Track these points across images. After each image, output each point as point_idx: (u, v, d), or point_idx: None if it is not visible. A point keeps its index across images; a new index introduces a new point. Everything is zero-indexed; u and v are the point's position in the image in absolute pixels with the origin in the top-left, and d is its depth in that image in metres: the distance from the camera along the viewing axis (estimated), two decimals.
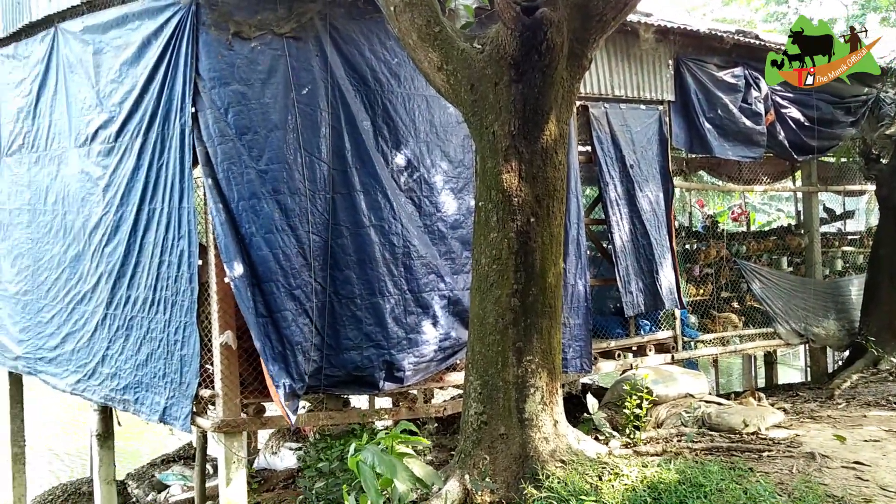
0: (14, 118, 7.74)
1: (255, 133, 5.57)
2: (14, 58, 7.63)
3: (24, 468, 8.77)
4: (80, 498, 9.36)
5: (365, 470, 4.39)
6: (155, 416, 6.08)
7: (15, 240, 7.98)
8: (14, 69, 7.65)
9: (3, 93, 7.88)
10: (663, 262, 8.02)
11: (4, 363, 8.32)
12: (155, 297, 6.09)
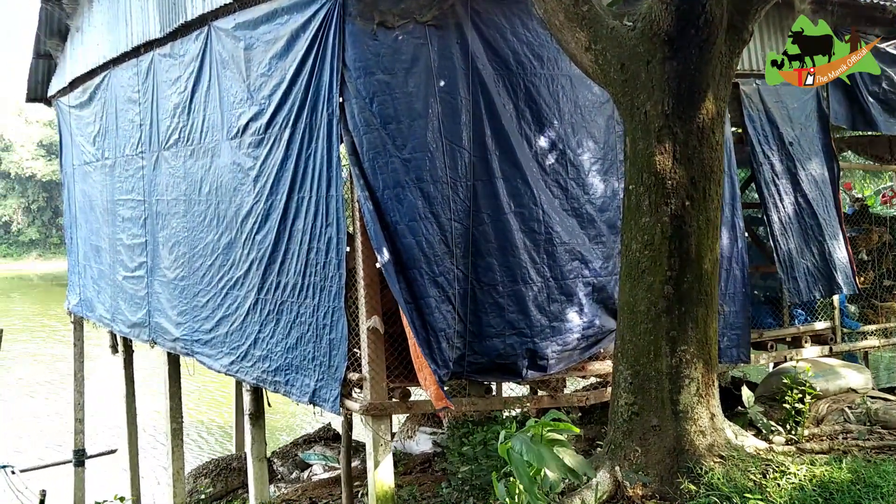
0: (171, 114, 8.22)
1: (399, 122, 5.63)
2: (171, 56, 8.09)
3: (181, 443, 9.35)
4: (231, 473, 9.91)
5: (516, 457, 4.35)
6: (305, 397, 6.30)
7: (172, 229, 8.48)
8: (171, 67, 8.11)
9: (161, 90, 8.37)
10: (835, 243, 7.50)
11: (164, 344, 8.89)
12: (304, 283, 6.30)
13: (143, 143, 9.00)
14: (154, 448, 17.84)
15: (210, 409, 21.64)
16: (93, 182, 10.82)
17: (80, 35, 10.63)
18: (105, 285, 10.61)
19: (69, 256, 12.69)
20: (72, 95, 11.30)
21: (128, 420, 11.50)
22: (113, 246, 10.13)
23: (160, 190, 8.72)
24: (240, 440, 12.25)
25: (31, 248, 73.44)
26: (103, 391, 22.86)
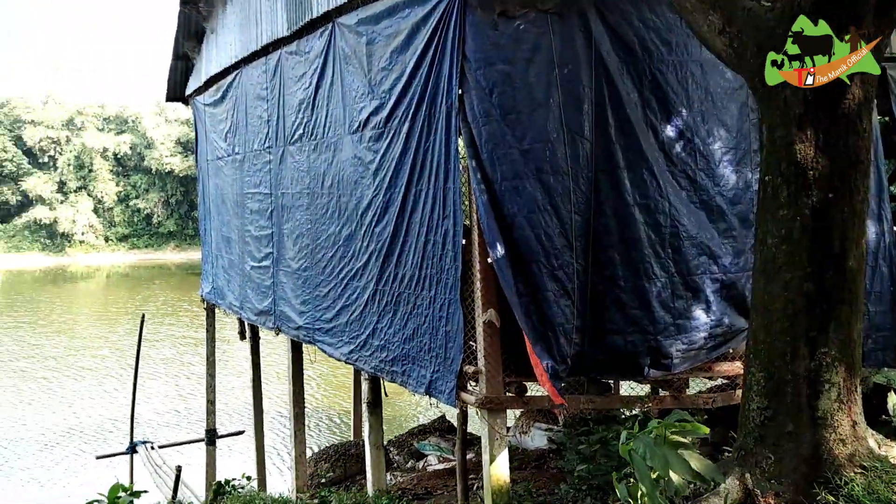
0: (296, 110, 8.49)
1: (519, 113, 5.54)
2: (297, 54, 8.35)
3: (303, 427, 9.67)
4: (349, 459, 10.16)
5: (638, 459, 4.19)
6: (421, 388, 6.34)
7: (296, 221, 8.77)
8: (296, 65, 8.38)
9: (287, 87, 8.66)
10: None
11: (288, 332, 9.21)
12: (421, 275, 6.33)
13: (270, 138, 9.35)
14: (278, 431, 18.62)
15: (330, 395, 22.36)
16: (224, 176, 11.37)
17: (215, 36, 11.18)
18: (234, 274, 11.13)
19: (203, 247, 13.40)
20: (206, 94, 11.91)
21: (254, 403, 12.02)
22: (242, 237, 10.60)
23: (285, 183, 9.03)
24: (358, 427, 12.57)
25: (169, 239, 78.44)
26: (234, 375, 24.13)
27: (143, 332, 14.34)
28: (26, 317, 39.53)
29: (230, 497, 8.61)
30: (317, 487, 9.50)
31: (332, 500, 6.64)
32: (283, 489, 11.64)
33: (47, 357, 28.86)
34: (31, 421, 20.79)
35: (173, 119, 78.66)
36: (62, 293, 52.39)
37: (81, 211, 74.73)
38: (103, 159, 75.95)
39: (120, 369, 25.94)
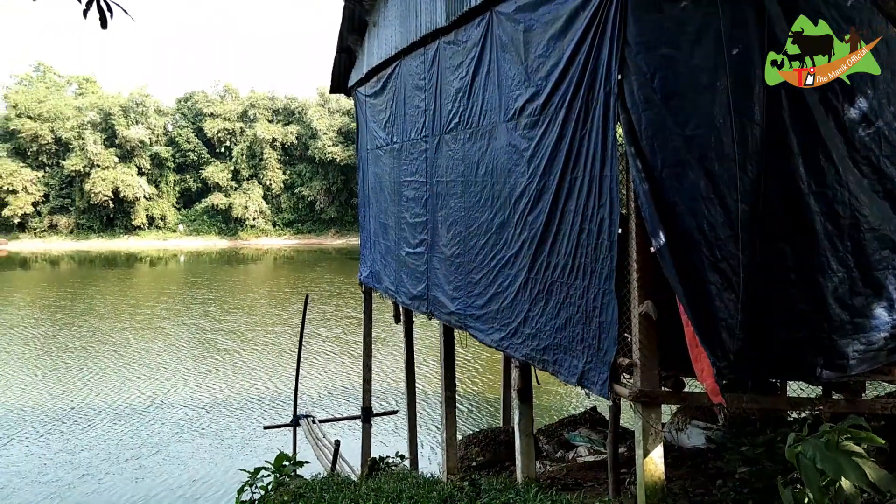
0: (452, 99, 8.63)
1: (682, 98, 5.30)
2: (454, 43, 8.47)
3: (454, 410, 9.88)
4: (498, 445, 10.26)
5: (806, 464, 3.94)
6: (573, 378, 6.28)
7: (450, 208, 8.93)
8: (454, 54, 8.50)
9: (445, 76, 8.81)
10: None
11: (440, 317, 9.42)
12: (574, 264, 6.26)
13: (426, 127, 9.57)
14: (430, 412, 19.13)
15: (480, 381, 22.66)
16: (383, 165, 11.78)
17: (376, 29, 11.58)
18: (391, 260, 11.53)
19: (362, 233, 13.96)
20: (367, 85, 12.37)
21: (407, 385, 12.41)
22: (398, 224, 10.94)
23: (440, 172, 9.22)
24: (506, 414, 12.66)
25: (330, 225, 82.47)
26: (389, 356, 25.07)
27: (307, 311, 15.17)
28: (211, 294, 43.21)
29: (384, 473, 8.96)
30: (467, 471, 9.68)
31: (483, 484, 6.72)
32: (433, 470, 11.97)
33: (229, 332, 31.39)
34: (217, 389, 22.71)
35: (335, 110, 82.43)
36: (237, 273, 56.68)
37: (252, 198, 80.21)
38: (272, 149, 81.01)
39: (292, 345, 27.67)
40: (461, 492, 6.63)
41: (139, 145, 78.79)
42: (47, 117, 77.00)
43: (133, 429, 18.95)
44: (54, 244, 76.72)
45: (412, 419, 12.38)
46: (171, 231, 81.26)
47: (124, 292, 45.46)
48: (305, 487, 7.85)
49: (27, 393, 22.31)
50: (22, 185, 75.74)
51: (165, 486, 15.36)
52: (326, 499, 7.21)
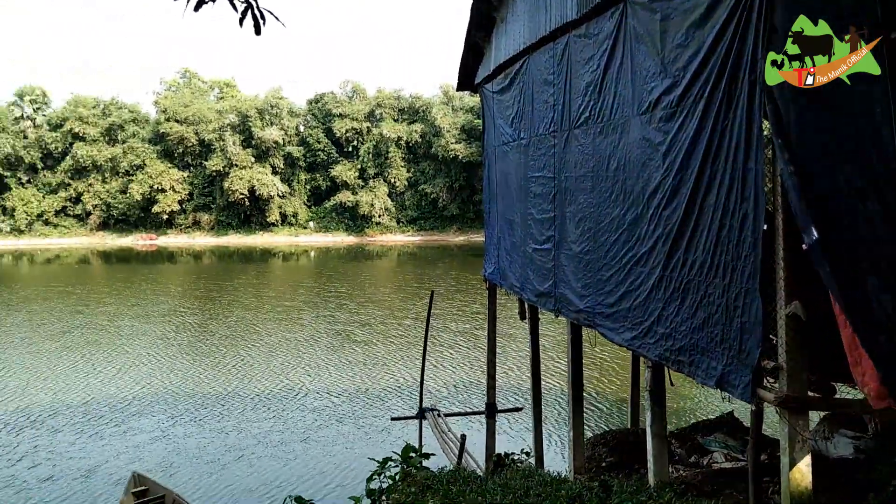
0: (582, 93, 8.48)
1: (835, 86, 4.94)
2: (585, 36, 8.33)
3: (581, 409, 9.74)
4: (627, 446, 10.02)
5: None
6: (711, 380, 6.03)
7: (579, 204, 8.78)
8: (584, 47, 8.36)
9: (575, 70, 8.68)
10: None
11: (568, 315, 9.30)
12: (713, 262, 6.00)
13: (555, 122, 9.46)
14: (555, 411, 18.98)
15: (606, 380, 22.25)
16: (509, 161, 11.76)
17: (504, 25, 11.57)
18: (516, 256, 11.49)
19: (486, 229, 14.01)
20: (494, 82, 12.39)
21: (532, 382, 12.35)
22: (524, 220, 10.89)
23: (569, 167, 9.09)
24: (634, 415, 12.35)
25: (451, 222, 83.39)
26: (515, 353, 25.10)
27: (432, 306, 15.38)
28: (343, 288, 44.96)
29: (510, 470, 8.94)
30: (595, 471, 9.52)
31: (614, 486, 6.58)
32: (559, 468, 11.85)
33: (363, 324, 32.51)
34: (352, 378, 23.56)
35: (459, 108, 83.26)
36: (364, 268, 58.56)
37: (378, 195, 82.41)
38: (397, 147, 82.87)
39: (421, 338, 28.38)
40: (590, 492, 6.51)
41: (273, 146, 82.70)
42: (192, 121, 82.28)
43: (279, 414, 19.91)
44: (197, 239, 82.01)
45: (537, 417, 12.31)
46: (302, 228, 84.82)
47: (264, 285, 48.07)
48: (432, 479, 7.94)
49: (184, 377, 23.99)
50: (170, 184, 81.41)
51: (316, 471, 15.97)
52: (454, 491, 7.27)
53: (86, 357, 26.82)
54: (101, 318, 35.18)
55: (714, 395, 18.41)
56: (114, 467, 15.91)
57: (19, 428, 18.73)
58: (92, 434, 18.33)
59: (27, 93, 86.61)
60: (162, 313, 36.71)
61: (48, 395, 21.75)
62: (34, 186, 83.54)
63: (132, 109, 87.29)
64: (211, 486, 15.19)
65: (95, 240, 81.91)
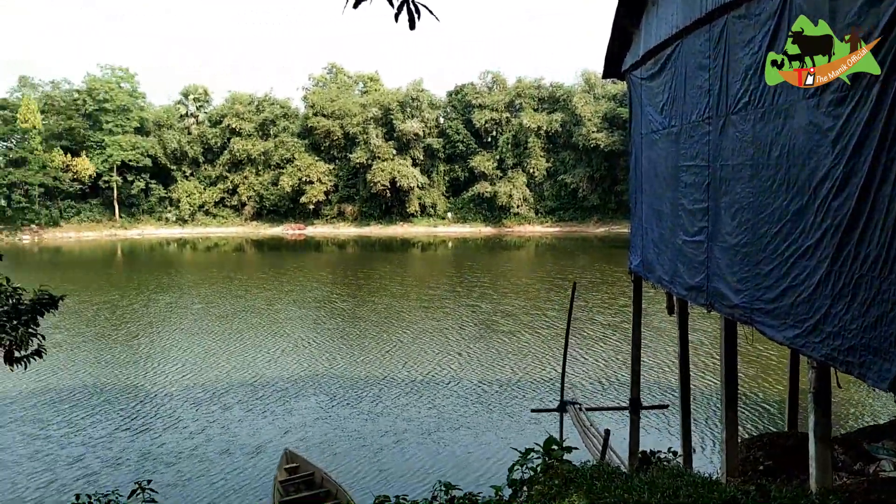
0: (741, 77, 8.05)
1: None
2: (745, 17, 7.89)
3: (735, 409, 9.29)
4: (784, 451, 9.48)
5: None
6: (883, 383, 5.60)
7: (736, 194, 8.36)
8: (744, 29, 7.92)
9: (733, 53, 8.26)
10: None
11: (721, 310, 8.90)
12: (888, 256, 5.55)
13: (709, 108, 9.05)
14: (703, 410, 18.28)
15: (761, 379, 21.16)
16: (658, 150, 11.38)
17: (655, 9, 11.18)
18: (665, 248, 11.12)
19: (632, 220, 13.64)
20: (643, 68, 12.01)
21: (681, 379, 11.91)
22: (674, 210, 10.51)
23: (725, 155, 8.67)
24: (792, 417, 11.66)
25: (592, 212, 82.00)
26: (663, 348, 24.41)
27: (574, 298, 15.21)
28: (485, 278, 45.64)
29: (657, 469, 8.70)
30: (749, 475, 9.08)
31: (773, 491, 6.24)
32: (709, 470, 11.41)
33: (506, 314, 32.82)
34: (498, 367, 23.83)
35: (601, 96, 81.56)
36: (504, 259, 58.93)
37: (517, 186, 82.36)
38: (536, 137, 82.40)
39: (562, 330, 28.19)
40: (746, 496, 6.22)
41: (414, 138, 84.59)
42: (338, 115, 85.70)
43: (432, 400, 20.40)
44: (341, 229, 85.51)
45: (685, 415, 11.87)
46: (440, 218, 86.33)
47: (407, 274, 49.60)
48: (575, 473, 7.88)
49: (339, 360, 25.19)
50: (317, 176, 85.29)
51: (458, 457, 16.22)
52: (598, 486, 7.17)
53: (250, 339, 28.74)
54: (260, 302, 37.54)
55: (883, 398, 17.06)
56: (281, 444, 16.83)
57: (197, 403, 20.34)
58: (259, 411, 19.58)
59: (191, 91, 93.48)
60: (315, 299, 38.71)
61: (220, 373, 23.48)
62: (196, 179, 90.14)
63: (283, 105, 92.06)
64: (365, 468, 15.80)
65: (249, 229, 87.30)
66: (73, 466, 15.86)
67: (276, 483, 13.92)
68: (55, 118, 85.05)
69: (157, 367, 24.68)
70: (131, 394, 21.45)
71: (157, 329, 31.31)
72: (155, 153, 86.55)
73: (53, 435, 17.89)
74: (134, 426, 18.51)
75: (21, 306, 9.50)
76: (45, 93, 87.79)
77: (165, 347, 27.69)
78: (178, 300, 38.98)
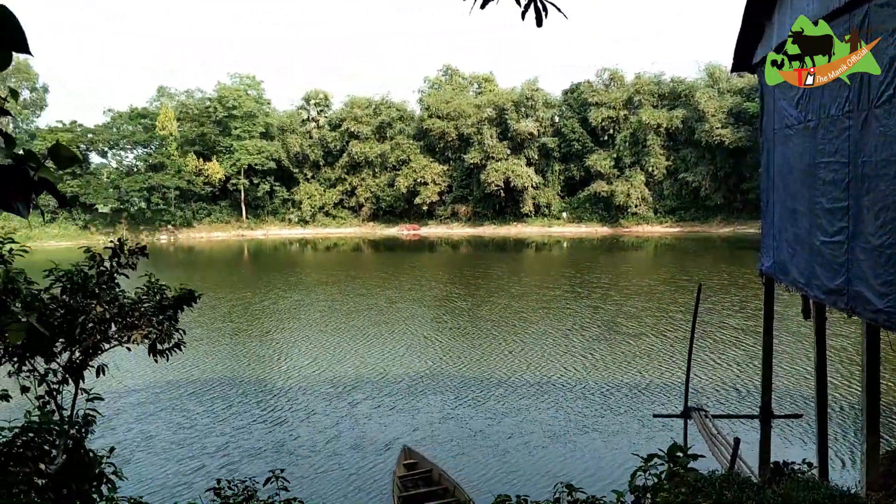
0: (885, 68, 7.56)
1: None
2: (889, 6, 7.39)
3: (877, 420, 8.77)
4: None
5: None
6: None
7: (880, 192, 7.88)
8: (888, 18, 7.41)
9: (876, 43, 7.78)
10: None
11: (863, 315, 8.41)
12: None
13: (850, 102, 8.56)
14: (842, 420, 17.28)
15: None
16: (792, 146, 10.86)
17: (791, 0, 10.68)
18: (800, 249, 10.60)
19: (764, 219, 13.08)
20: None
21: (817, 387, 11.33)
22: (811, 209, 10.01)
23: (867, 151, 8.18)
24: None
25: (715, 212, 78.90)
26: (797, 354, 23.24)
27: (699, 300, 14.74)
28: (605, 279, 45.11)
29: (790, 480, 8.32)
30: (892, 489, 8.52)
31: None
32: (847, 483, 10.78)
33: (630, 316, 32.28)
34: (621, 370, 23.45)
35: (726, 90, 78.36)
36: (622, 260, 57.87)
37: (635, 185, 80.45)
38: (656, 135, 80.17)
39: (686, 333, 27.38)
40: None
41: (528, 137, 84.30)
42: (452, 116, 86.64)
43: (557, 402, 20.26)
44: (455, 230, 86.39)
45: (822, 425, 11.27)
46: (555, 218, 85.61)
47: (523, 274, 49.65)
48: (703, 482, 7.66)
49: (463, 359, 25.48)
50: (431, 177, 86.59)
51: (581, 461, 16.05)
52: (728, 497, 6.95)
53: (375, 336, 29.58)
54: (381, 300, 38.59)
55: None
56: (410, 442, 17.08)
57: (328, 398, 21.14)
58: (387, 408, 20.08)
59: (312, 97, 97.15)
60: (434, 298, 39.42)
61: (349, 369, 24.31)
62: (317, 181, 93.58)
63: (399, 108, 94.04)
64: (488, 469, 15.86)
65: (366, 229, 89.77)
66: (216, 455, 16.86)
67: (395, 479, 14.25)
68: (189, 125, 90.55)
69: (290, 362, 25.82)
70: (267, 387, 22.55)
71: (287, 325, 32.76)
72: (279, 157, 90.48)
73: (198, 424, 19.08)
74: (271, 418, 19.44)
75: (164, 302, 10.25)
76: (181, 101, 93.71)
77: (296, 343, 28.94)
78: (305, 298, 40.64)
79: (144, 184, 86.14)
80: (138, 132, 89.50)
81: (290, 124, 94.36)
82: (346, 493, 14.78)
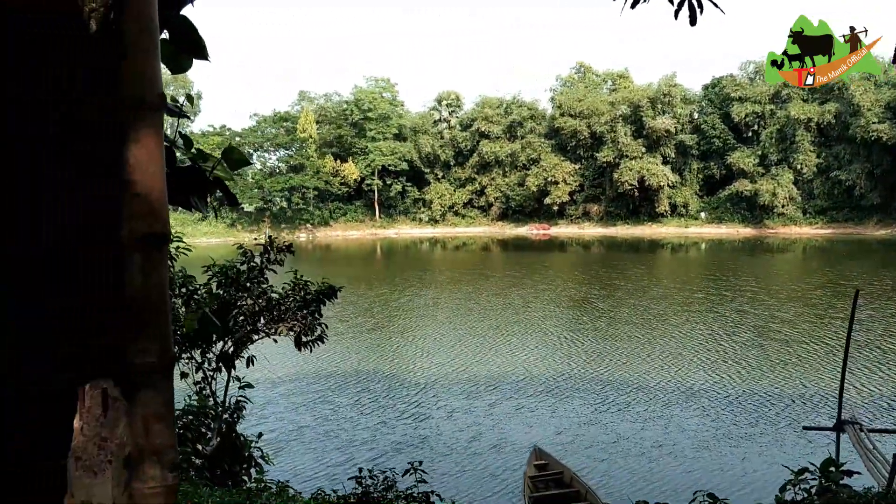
0: None
1: None
2: None
3: None
4: None
5: None
6: None
7: None
8: None
9: None
10: None
11: None
12: None
13: None
14: None
15: None
16: None
17: None
18: None
19: None
20: None
21: None
22: None
23: None
24: None
25: (871, 213, 73.30)
26: None
27: (856, 307, 13.47)
28: (752, 282, 42.98)
29: None
30: None
31: None
32: None
33: (782, 321, 30.52)
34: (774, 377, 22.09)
35: (883, 83, 72.56)
36: (768, 262, 55.02)
37: (782, 184, 76.01)
38: (805, 130, 75.40)
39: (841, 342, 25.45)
40: None
41: (664, 135, 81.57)
42: (585, 114, 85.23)
43: (704, 409, 19.25)
44: (586, 230, 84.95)
45: None
46: (692, 219, 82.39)
47: (661, 275, 48.12)
48: (857, 499, 6.91)
49: (606, 362, 24.68)
50: (562, 176, 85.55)
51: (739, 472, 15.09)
52: None
53: (514, 336, 29.33)
54: (516, 299, 38.36)
55: None
56: (551, 444, 16.74)
57: (470, 396, 21.11)
58: (529, 409, 19.77)
59: (444, 98, 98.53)
60: (571, 298, 38.80)
61: (490, 368, 24.19)
62: (447, 181, 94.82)
63: (530, 107, 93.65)
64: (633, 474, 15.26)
65: (495, 229, 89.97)
66: (361, 447, 17.16)
67: (525, 479, 13.94)
68: (327, 127, 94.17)
69: (430, 358, 26.04)
70: (409, 383, 22.82)
71: (425, 322, 33.18)
72: (411, 157, 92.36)
73: (344, 416, 19.54)
74: (414, 414, 19.62)
75: (308, 296, 10.41)
76: (320, 105, 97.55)
77: (435, 340, 29.18)
78: (439, 296, 41.06)
79: (286, 184, 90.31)
80: (280, 135, 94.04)
81: (422, 125, 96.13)
82: (480, 492, 14.62)
